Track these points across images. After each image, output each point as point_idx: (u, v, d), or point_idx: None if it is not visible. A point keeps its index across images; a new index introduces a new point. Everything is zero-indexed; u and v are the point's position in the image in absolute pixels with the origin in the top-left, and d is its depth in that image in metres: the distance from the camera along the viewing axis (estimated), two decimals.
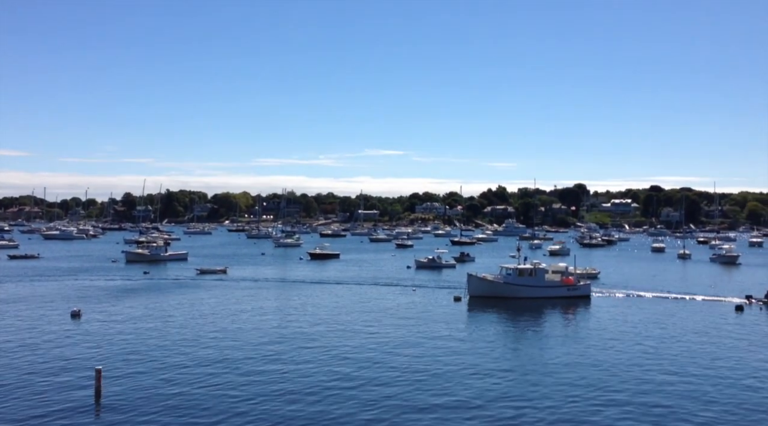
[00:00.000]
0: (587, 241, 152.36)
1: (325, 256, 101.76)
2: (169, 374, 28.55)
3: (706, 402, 25.59)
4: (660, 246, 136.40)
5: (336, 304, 51.03)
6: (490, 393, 26.36)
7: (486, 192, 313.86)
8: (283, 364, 30.68)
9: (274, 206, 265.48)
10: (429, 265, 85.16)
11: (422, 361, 31.62)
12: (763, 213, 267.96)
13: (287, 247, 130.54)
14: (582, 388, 27.07)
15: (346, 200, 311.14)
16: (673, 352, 34.41)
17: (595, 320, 44.91)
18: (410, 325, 41.72)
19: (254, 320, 42.81)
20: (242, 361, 31.16)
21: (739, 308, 49.64)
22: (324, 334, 38.33)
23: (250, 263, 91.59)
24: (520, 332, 40.77)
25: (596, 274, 71.96)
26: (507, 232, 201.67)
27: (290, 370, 29.58)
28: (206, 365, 30.19)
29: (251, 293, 57.14)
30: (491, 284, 55.01)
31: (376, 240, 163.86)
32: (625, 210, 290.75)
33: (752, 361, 32.56)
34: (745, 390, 27.39)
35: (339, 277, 72.30)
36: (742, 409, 24.77)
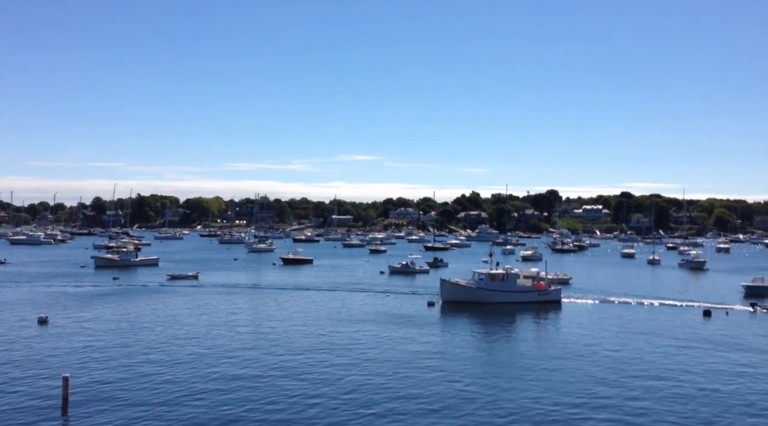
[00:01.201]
0: (559, 247, 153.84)
1: (298, 262, 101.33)
2: (139, 382, 28.15)
3: (674, 406, 25.95)
4: (630, 252, 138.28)
5: (308, 309, 50.82)
6: (458, 397, 26.43)
7: (460, 198, 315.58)
8: (253, 370, 30.43)
9: (247, 211, 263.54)
10: (402, 271, 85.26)
11: (393, 365, 31.60)
12: (729, 219, 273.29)
13: (260, 252, 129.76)
14: (550, 390, 27.30)
15: (319, 205, 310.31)
16: (641, 357, 34.83)
17: (565, 325, 45.35)
18: (383, 330, 41.69)
19: (225, 326, 42.42)
20: (212, 368, 30.84)
21: (707, 313, 50.47)
22: (296, 339, 38.13)
23: (222, 269, 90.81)
24: (492, 337, 41.00)
25: (568, 280, 72.77)
26: (480, 238, 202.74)
27: (258, 375, 29.36)
28: (176, 373, 29.83)
29: (223, 299, 56.63)
30: (464, 289, 55.28)
31: (349, 245, 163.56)
32: (596, 216, 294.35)
33: (723, 365, 33.12)
34: (716, 392, 27.85)
35: (312, 282, 72.01)
36: (717, 412, 25.18)
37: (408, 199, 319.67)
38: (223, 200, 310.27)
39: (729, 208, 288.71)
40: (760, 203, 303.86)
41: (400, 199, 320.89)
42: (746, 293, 64.55)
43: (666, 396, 27.19)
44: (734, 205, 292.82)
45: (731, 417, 24.72)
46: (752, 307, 54.11)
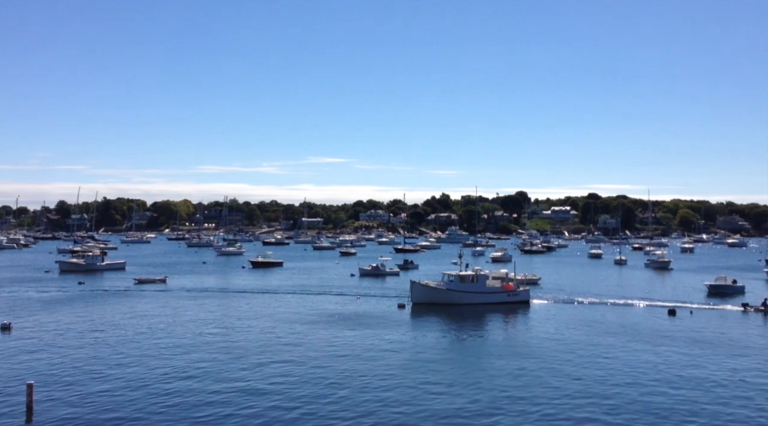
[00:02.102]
0: (528, 248, 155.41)
1: (267, 265, 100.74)
2: (105, 388, 27.73)
3: (639, 405, 26.41)
4: (597, 252, 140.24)
5: (277, 313, 50.56)
6: (427, 398, 26.54)
7: (430, 199, 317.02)
8: (219, 375, 30.17)
9: (216, 214, 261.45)
10: (373, 273, 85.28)
11: (362, 368, 31.61)
12: (693, 220, 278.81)
13: (229, 255, 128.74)
14: (519, 390, 27.59)
15: (289, 208, 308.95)
16: (606, 356, 35.34)
17: (533, 326, 45.83)
18: (353, 332, 41.67)
19: (192, 331, 41.99)
20: (179, 373, 30.51)
21: (672, 312, 51.44)
22: (264, 344, 37.90)
23: (190, 272, 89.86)
24: (461, 338, 41.31)
25: (537, 280, 73.56)
26: (450, 240, 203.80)
27: (225, 379, 29.12)
28: (142, 378, 29.44)
29: (191, 303, 56.03)
30: (434, 291, 55.53)
31: (319, 248, 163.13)
32: (564, 217, 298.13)
33: (687, 361, 33.79)
34: (689, 390, 28.40)
35: (282, 285, 71.65)
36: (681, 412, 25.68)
37: (378, 202, 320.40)
38: (191, 203, 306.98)
39: (693, 209, 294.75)
40: (722, 204, 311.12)
41: (371, 201, 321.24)
42: (709, 292, 65.94)
43: (632, 394, 27.63)
44: (698, 206, 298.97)
45: (698, 411, 25.25)
46: (743, 307, 54.35)
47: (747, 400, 27.05)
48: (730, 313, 52.36)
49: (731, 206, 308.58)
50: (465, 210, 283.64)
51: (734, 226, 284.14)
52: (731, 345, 38.87)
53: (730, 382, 29.82)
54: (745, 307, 54.09)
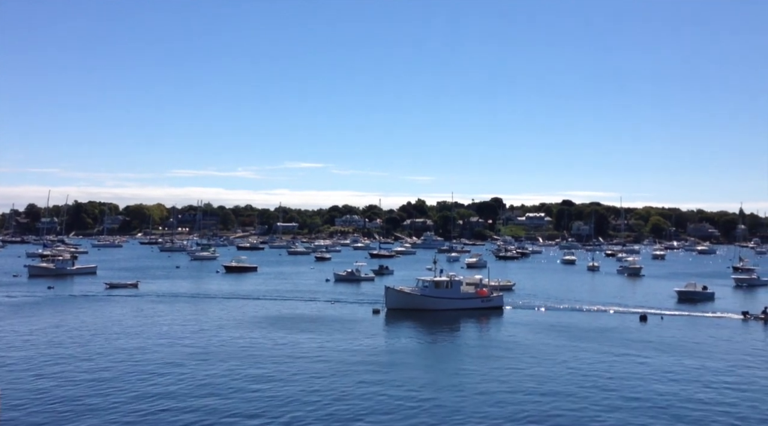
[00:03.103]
0: (503, 254, 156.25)
1: (241, 269, 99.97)
2: (73, 394, 27.25)
3: (612, 408, 26.62)
4: (571, 258, 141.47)
5: (250, 318, 50.13)
6: (400, 404, 26.48)
7: (405, 205, 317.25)
8: (188, 380, 29.82)
9: (190, 218, 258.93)
10: (348, 278, 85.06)
11: (336, 373, 31.47)
12: (664, 227, 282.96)
13: (203, 260, 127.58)
14: (492, 395, 27.67)
15: (264, 213, 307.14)
16: (578, 363, 35.60)
17: (506, 332, 46.01)
18: (328, 338, 41.49)
19: (163, 336, 41.46)
20: (148, 380, 30.09)
21: (643, 318, 52.02)
22: (235, 349, 37.52)
23: (163, 277, 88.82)
24: (435, 344, 41.41)
25: (511, 286, 73.95)
26: (425, 245, 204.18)
27: (192, 385, 28.79)
28: (111, 385, 28.99)
29: (163, 308, 55.33)
30: (408, 297, 55.54)
31: (294, 253, 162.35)
32: (539, 223, 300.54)
33: (658, 366, 34.17)
34: (655, 393, 28.69)
35: (256, 290, 71.11)
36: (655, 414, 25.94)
37: (354, 207, 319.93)
38: (165, 207, 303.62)
39: (664, 216, 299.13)
40: (692, 211, 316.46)
41: (346, 206, 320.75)
42: (679, 298, 66.83)
43: (603, 398, 27.85)
44: (669, 213, 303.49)
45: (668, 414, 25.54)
46: (743, 315, 53.70)
47: (713, 401, 27.48)
48: (730, 322, 51.84)
49: (701, 214, 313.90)
50: (440, 216, 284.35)
51: (704, 233, 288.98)
52: (702, 350, 39.41)
53: (703, 384, 30.21)
54: (746, 316, 53.55)
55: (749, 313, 54.04)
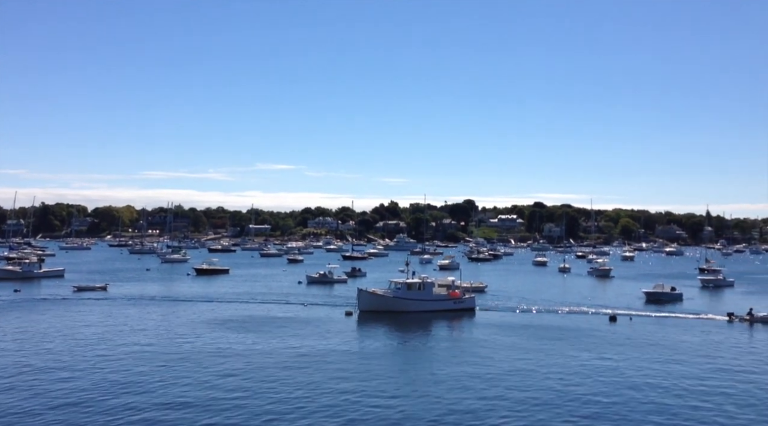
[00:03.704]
0: (475, 256, 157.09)
1: (213, 272, 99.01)
2: (38, 399, 26.71)
3: (582, 403, 26.87)
4: (542, 260, 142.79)
5: (220, 321, 49.62)
6: (374, 407, 26.45)
7: (378, 207, 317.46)
8: (154, 385, 29.42)
9: (160, 220, 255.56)
10: (320, 281, 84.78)
11: (309, 376, 31.30)
12: (634, 229, 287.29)
13: (173, 262, 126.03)
14: (462, 392, 27.74)
15: (236, 215, 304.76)
16: (549, 364, 35.89)
17: (478, 333, 46.24)
18: (300, 341, 41.26)
19: (130, 339, 40.84)
20: (115, 383, 29.65)
21: (613, 319, 52.66)
22: (204, 353, 37.09)
23: (133, 280, 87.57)
24: (407, 346, 41.46)
25: (483, 288, 74.37)
26: (398, 247, 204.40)
27: (157, 390, 28.40)
28: (77, 388, 28.48)
29: (131, 311, 54.54)
30: (381, 299, 55.54)
31: (267, 255, 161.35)
32: (511, 225, 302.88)
33: (628, 365, 34.59)
34: (631, 391, 29.02)
35: (227, 293, 70.48)
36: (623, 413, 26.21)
37: (327, 209, 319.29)
38: (135, 209, 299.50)
39: (633, 218, 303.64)
40: (661, 214, 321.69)
41: (319, 208, 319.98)
42: (647, 299, 67.81)
43: (570, 398, 28.10)
44: (638, 215, 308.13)
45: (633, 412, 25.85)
46: (728, 316, 53.82)
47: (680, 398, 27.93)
48: (716, 323, 52.18)
49: (669, 216, 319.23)
50: (413, 218, 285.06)
51: (672, 235, 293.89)
52: (671, 349, 40.01)
53: (672, 384, 30.69)
54: (731, 317, 53.64)
55: (734, 315, 54.06)
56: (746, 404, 28.07)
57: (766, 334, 47.50)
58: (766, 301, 68.66)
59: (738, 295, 78.00)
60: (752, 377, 33.21)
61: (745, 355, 39.11)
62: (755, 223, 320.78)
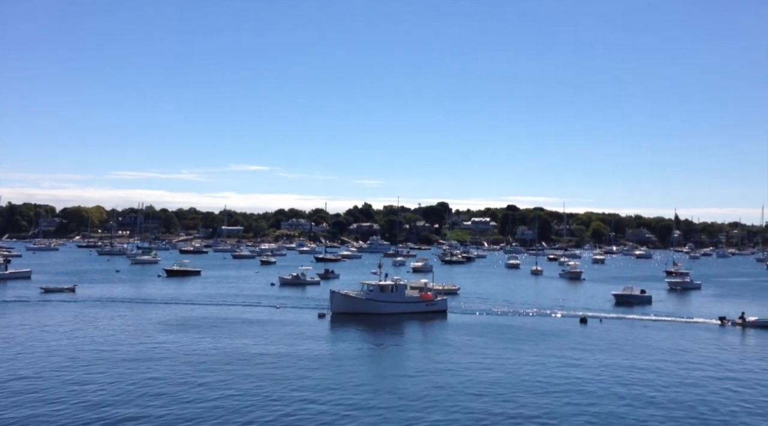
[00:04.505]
0: (449, 258, 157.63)
1: (184, 273, 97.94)
2: (3, 403, 26.12)
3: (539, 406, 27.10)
4: (515, 262, 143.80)
5: (192, 322, 49.09)
6: (344, 409, 26.36)
7: (352, 209, 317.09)
8: (120, 386, 29.02)
9: (131, 221, 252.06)
10: (293, 282, 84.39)
11: (280, 379, 31.11)
12: (604, 232, 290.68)
13: (144, 264, 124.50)
14: (434, 399, 27.81)
15: (209, 216, 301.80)
16: (519, 365, 36.11)
17: (449, 335, 46.34)
18: (272, 343, 41.01)
19: (100, 341, 40.21)
20: (81, 386, 29.16)
21: (584, 321, 53.21)
22: (174, 355, 36.66)
23: (102, 281, 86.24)
24: (379, 349, 41.46)
25: (456, 290, 74.65)
26: (372, 249, 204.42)
27: (123, 392, 28.03)
28: (42, 390, 27.93)
29: (101, 312, 53.69)
30: (354, 301, 55.47)
31: (239, 256, 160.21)
32: (484, 228, 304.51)
33: (598, 365, 34.96)
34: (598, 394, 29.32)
35: (198, 295, 69.76)
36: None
37: (300, 210, 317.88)
38: (104, 210, 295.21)
39: (604, 222, 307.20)
40: (631, 217, 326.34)
41: (292, 210, 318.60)
42: (616, 301, 68.66)
43: (545, 400, 28.33)
44: (609, 219, 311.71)
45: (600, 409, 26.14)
46: (720, 321, 53.74)
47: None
48: (707, 327, 52.29)
49: (639, 219, 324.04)
50: (387, 220, 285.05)
51: (642, 238, 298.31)
52: (639, 350, 40.56)
53: (641, 385, 31.10)
54: (722, 321, 53.65)
55: (726, 319, 54.01)
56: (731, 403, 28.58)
57: (757, 338, 47.72)
58: (732, 303, 70.05)
59: (705, 297, 79.37)
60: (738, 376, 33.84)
61: (741, 357, 39.80)
62: (722, 227, 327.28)
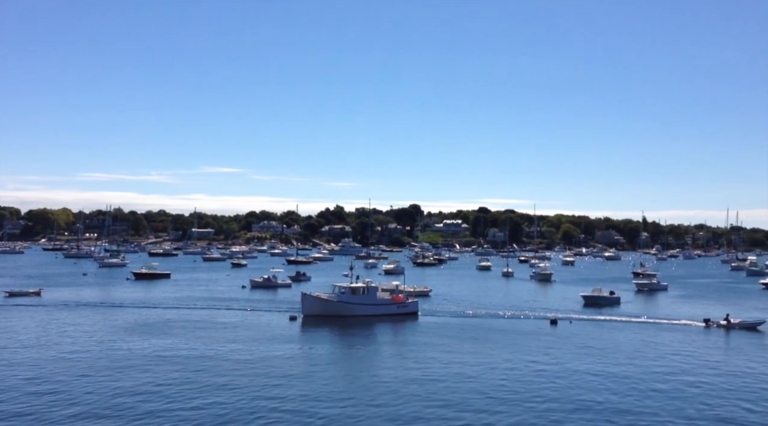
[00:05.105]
0: (420, 260, 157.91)
1: (153, 276, 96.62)
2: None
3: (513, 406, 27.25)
4: (486, 264, 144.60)
5: (160, 326, 48.41)
6: (313, 414, 26.22)
7: (324, 211, 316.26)
8: (93, 390, 28.49)
9: (99, 224, 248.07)
10: (264, 285, 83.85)
11: (251, 383, 30.82)
12: (574, 234, 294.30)
13: (112, 266, 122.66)
14: (404, 403, 27.80)
15: (179, 218, 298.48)
16: (490, 367, 36.29)
17: (420, 337, 46.36)
18: (243, 346, 40.62)
19: (66, 346, 39.45)
20: (44, 392, 28.57)
21: (554, 322, 53.68)
22: (142, 359, 36.12)
23: (68, 284, 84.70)
24: (350, 351, 41.37)
25: (428, 292, 74.81)
26: (343, 252, 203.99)
27: (89, 397, 27.54)
28: (6, 403, 27.27)
29: (66, 317, 52.67)
30: (325, 303, 55.30)
31: (209, 259, 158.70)
32: (456, 230, 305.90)
33: (569, 367, 35.26)
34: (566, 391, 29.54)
35: (167, 298, 68.84)
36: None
37: (272, 213, 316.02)
38: (71, 212, 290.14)
39: (574, 224, 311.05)
40: (600, 219, 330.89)
41: (264, 212, 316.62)
42: (585, 303, 69.42)
43: (516, 401, 28.48)
44: (579, 221, 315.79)
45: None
46: (705, 322, 53.71)
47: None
48: (691, 329, 52.42)
49: (608, 222, 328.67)
50: (359, 222, 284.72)
51: (611, 240, 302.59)
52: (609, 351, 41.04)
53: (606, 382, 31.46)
54: (707, 323, 53.67)
55: (711, 321, 54.06)
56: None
57: (742, 340, 48.05)
58: (697, 304, 71.36)
59: (671, 298, 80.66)
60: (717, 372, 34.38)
61: (726, 357, 40.46)
62: (688, 229, 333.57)
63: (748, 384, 33.23)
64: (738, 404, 29.12)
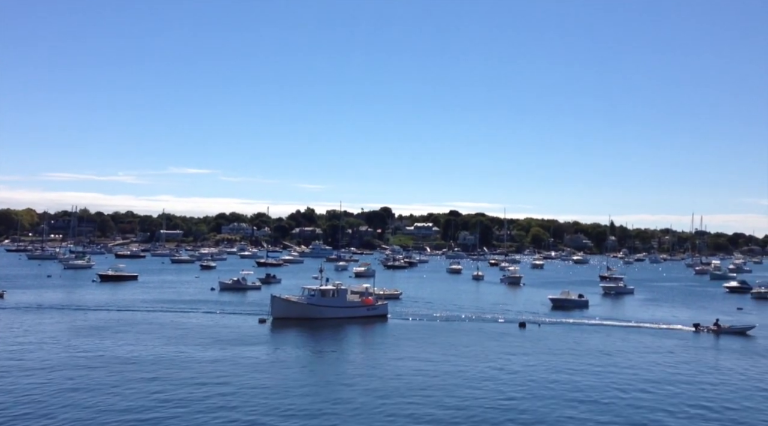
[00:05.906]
0: (391, 263, 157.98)
1: (119, 278, 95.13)
2: None
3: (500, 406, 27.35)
4: (457, 268, 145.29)
5: (126, 329, 47.61)
6: (282, 415, 26.00)
7: (294, 213, 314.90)
8: (44, 398, 27.90)
9: (64, 225, 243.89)
10: (234, 287, 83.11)
11: (220, 386, 30.45)
12: (544, 238, 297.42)
13: (77, 268, 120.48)
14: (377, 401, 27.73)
15: (146, 219, 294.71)
16: (461, 369, 36.40)
17: (388, 340, 46.34)
18: (211, 350, 40.13)
19: (24, 349, 38.58)
20: (10, 396, 27.86)
21: (522, 325, 54.05)
22: (106, 363, 35.46)
23: (32, 286, 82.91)
24: (319, 353, 41.17)
25: (398, 295, 74.87)
26: (314, 254, 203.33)
27: (51, 401, 26.96)
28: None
29: (28, 319, 51.50)
30: (294, 305, 54.98)
31: (178, 261, 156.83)
32: (427, 233, 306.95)
33: (538, 369, 35.52)
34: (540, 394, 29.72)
35: (134, 300, 67.78)
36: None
37: (242, 215, 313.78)
38: (36, 212, 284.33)
39: (543, 227, 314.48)
40: (569, 223, 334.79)
41: (234, 214, 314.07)
42: (553, 306, 70.12)
43: (488, 404, 28.59)
44: (548, 225, 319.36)
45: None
46: (695, 327, 53.79)
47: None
48: (681, 333, 52.67)
49: (577, 226, 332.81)
50: (329, 224, 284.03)
51: (579, 244, 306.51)
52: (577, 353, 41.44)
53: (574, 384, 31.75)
54: (697, 327, 53.77)
55: (701, 325, 54.22)
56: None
57: (732, 344, 48.45)
58: (662, 308, 72.59)
59: (637, 301, 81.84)
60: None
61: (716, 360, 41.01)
62: (654, 233, 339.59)
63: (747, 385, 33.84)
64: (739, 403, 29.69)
